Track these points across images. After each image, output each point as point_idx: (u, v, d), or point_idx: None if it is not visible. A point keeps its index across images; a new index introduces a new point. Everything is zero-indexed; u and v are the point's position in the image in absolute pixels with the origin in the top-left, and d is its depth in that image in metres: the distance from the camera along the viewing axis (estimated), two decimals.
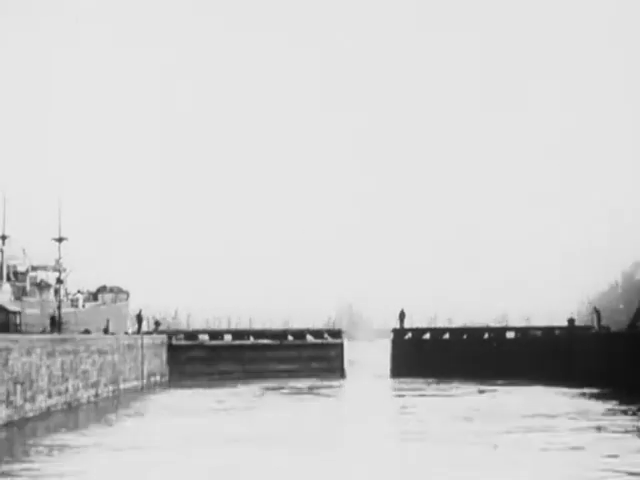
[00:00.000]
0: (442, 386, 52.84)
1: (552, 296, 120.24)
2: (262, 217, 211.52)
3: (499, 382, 53.65)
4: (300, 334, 63.91)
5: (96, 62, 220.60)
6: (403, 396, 48.29)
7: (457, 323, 75.49)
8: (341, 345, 64.20)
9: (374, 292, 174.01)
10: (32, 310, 72.53)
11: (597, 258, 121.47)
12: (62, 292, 78.98)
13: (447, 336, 64.02)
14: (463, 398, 45.51)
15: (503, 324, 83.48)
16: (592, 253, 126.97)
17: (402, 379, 58.39)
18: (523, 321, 75.47)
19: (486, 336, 63.53)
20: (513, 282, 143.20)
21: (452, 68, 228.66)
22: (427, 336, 64.36)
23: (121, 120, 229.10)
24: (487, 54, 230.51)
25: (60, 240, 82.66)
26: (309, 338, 63.42)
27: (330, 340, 64.13)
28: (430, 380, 56.24)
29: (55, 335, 43.02)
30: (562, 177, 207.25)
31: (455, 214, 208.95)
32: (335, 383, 57.10)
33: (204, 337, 61.56)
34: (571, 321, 64.26)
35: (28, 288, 73.97)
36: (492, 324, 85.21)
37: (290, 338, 63.14)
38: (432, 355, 61.49)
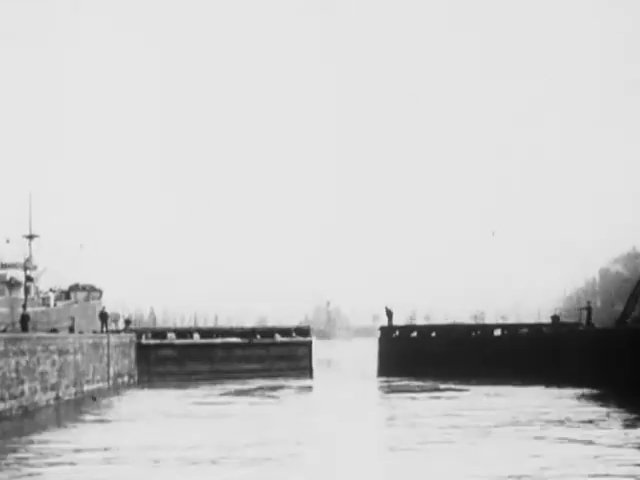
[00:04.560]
0: (434, 386, 50.97)
1: (529, 293, 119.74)
2: (240, 215, 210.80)
3: (491, 381, 51.42)
4: (269, 332, 62.57)
5: (92, 62, 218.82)
6: (393, 398, 46.87)
7: (435, 320, 74.67)
8: (309, 343, 62.67)
9: (351, 291, 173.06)
10: (1, 309, 71.13)
11: (574, 255, 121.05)
12: (33, 290, 77.43)
13: (434, 334, 62.38)
14: (460, 399, 43.92)
15: (480, 321, 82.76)
16: (569, 250, 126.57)
17: (390, 378, 56.60)
18: (499, 318, 74.76)
19: (473, 334, 62.12)
20: (490, 279, 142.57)
21: (443, 65, 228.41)
22: (415, 334, 62.85)
23: (99, 113, 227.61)
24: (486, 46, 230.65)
25: (31, 237, 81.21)
26: (277, 337, 61.94)
27: (298, 338, 62.72)
28: (419, 379, 54.34)
29: (8, 334, 41.41)
30: (545, 176, 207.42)
31: (432, 213, 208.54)
32: (301, 383, 55.00)
33: (172, 335, 60.11)
34: (555, 318, 63.12)
35: None
36: (470, 321, 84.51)
37: (258, 337, 61.74)
38: (420, 354, 59.60)
